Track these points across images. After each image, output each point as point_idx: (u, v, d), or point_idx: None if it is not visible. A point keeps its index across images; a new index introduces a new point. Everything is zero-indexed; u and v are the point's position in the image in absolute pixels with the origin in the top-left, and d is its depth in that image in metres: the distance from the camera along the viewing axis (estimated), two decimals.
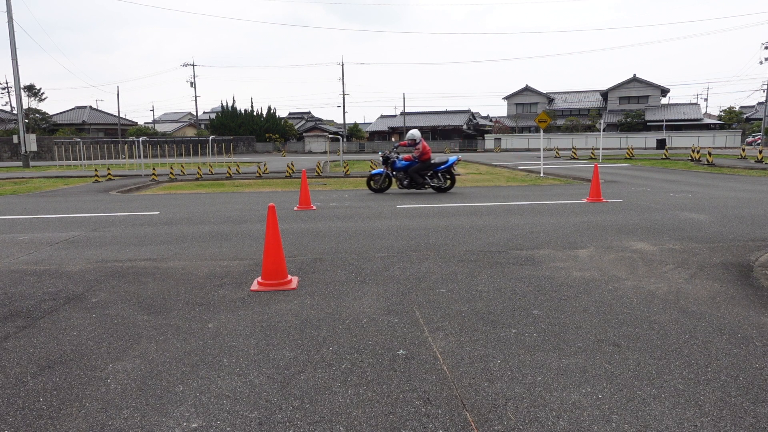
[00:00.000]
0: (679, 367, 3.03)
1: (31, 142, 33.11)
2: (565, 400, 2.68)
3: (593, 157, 29.87)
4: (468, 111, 68.70)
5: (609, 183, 14.51)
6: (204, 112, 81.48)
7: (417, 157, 12.69)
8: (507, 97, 71.02)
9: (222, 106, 65.61)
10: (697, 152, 24.07)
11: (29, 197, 13.89)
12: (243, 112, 64.85)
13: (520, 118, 67.22)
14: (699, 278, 4.83)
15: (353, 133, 69.26)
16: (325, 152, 54.42)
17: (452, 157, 13.15)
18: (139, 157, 35.91)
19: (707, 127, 58.30)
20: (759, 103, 69.48)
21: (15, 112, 52.91)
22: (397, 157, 13.11)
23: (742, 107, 75.07)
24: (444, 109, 68.94)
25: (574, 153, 31.29)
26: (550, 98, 70.08)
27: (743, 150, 25.56)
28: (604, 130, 41.36)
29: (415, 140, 12.62)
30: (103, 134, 63.40)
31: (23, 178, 21.74)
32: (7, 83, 59.58)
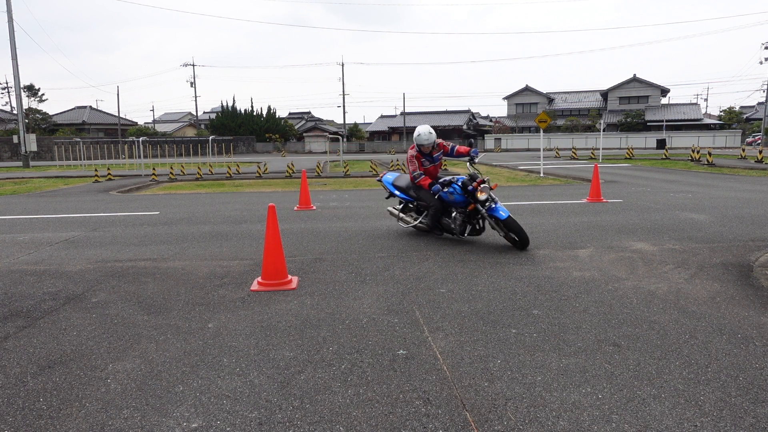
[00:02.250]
0: (679, 367, 3.03)
1: (31, 142, 33.10)
2: (565, 400, 2.68)
3: (593, 157, 29.87)
4: (468, 111, 68.68)
5: (609, 183, 14.51)
6: (204, 112, 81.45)
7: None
8: (507, 97, 71.00)
9: (222, 106, 65.58)
10: (697, 152, 24.07)
11: (29, 197, 13.89)
12: (243, 112, 64.82)
13: (520, 118, 67.20)
14: (699, 278, 4.83)
15: (353, 133, 69.26)
16: (325, 152, 54.44)
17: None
18: (139, 157, 35.92)
19: (707, 127, 58.29)
20: (759, 103, 69.47)
21: (15, 112, 52.94)
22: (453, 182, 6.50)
23: (742, 107, 75.03)
24: (444, 109, 68.93)
25: (574, 153, 31.29)
26: (550, 98, 70.05)
27: (743, 150, 25.54)
28: (604, 130, 41.38)
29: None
30: (103, 134, 63.39)
31: (23, 178, 21.73)
32: (7, 83, 59.61)
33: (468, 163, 6.60)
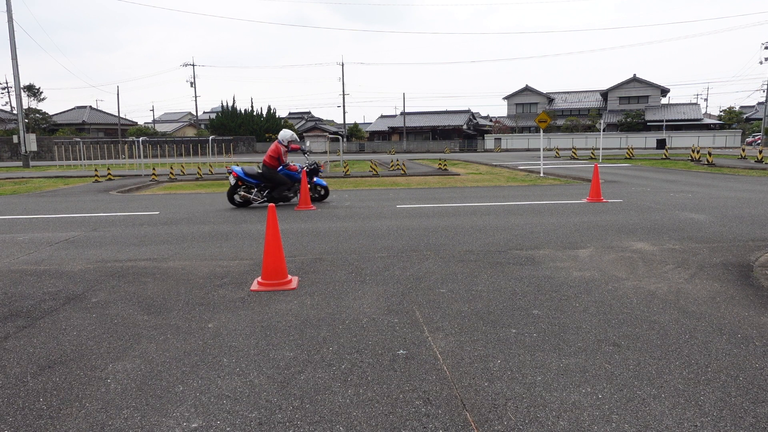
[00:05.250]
0: (679, 367, 3.03)
1: (31, 142, 33.11)
2: (565, 400, 2.68)
3: (593, 157, 29.86)
4: (468, 111, 68.69)
5: (609, 183, 14.51)
6: (204, 112, 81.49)
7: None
8: (507, 97, 71.00)
9: (222, 106, 65.61)
10: (697, 152, 24.07)
11: (29, 197, 13.89)
12: (243, 112, 64.84)
13: (520, 118, 67.21)
14: (699, 278, 4.83)
15: (353, 133, 69.27)
16: (325, 152, 54.41)
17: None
18: (139, 157, 35.90)
19: (707, 127, 58.29)
20: (759, 103, 69.49)
21: (15, 112, 52.90)
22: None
23: (742, 107, 75.08)
24: (444, 109, 68.94)
25: (574, 153, 31.29)
26: (550, 98, 70.06)
27: (743, 150, 25.54)
28: (604, 130, 41.35)
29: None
30: (103, 134, 63.40)
31: (23, 178, 21.73)
32: (7, 83, 59.62)
33: (305, 155, 11.58)
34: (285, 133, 10.84)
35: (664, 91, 64.05)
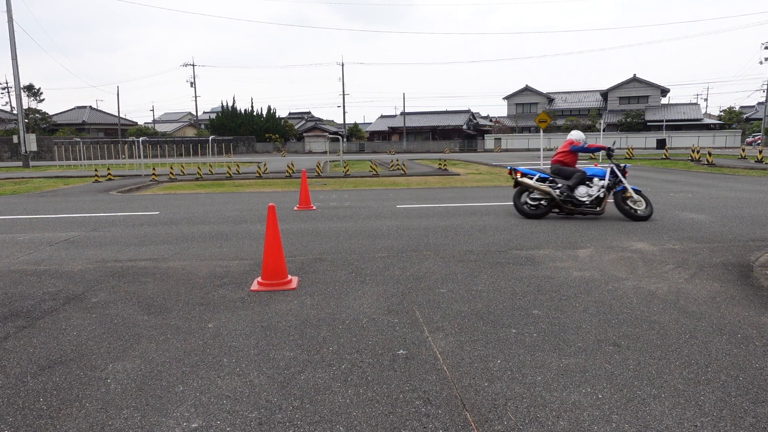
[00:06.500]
0: (679, 367, 3.03)
1: (31, 142, 33.10)
2: (565, 400, 2.68)
3: (593, 157, 29.83)
4: (468, 111, 68.69)
5: None
6: (204, 112, 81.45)
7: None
8: (507, 97, 70.99)
9: (222, 106, 65.61)
10: (697, 152, 24.06)
11: (29, 197, 13.89)
12: (243, 112, 64.84)
13: (520, 118, 67.19)
14: (699, 278, 4.83)
15: (353, 133, 69.27)
16: (325, 152, 54.44)
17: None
18: (139, 157, 35.91)
19: (707, 127, 58.28)
20: (759, 103, 69.48)
21: (15, 112, 52.92)
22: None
23: (742, 107, 75.06)
24: (444, 109, 68.94)
25: None
26: (550, 98, 70.05)
27: (743, 150, 25.52)
28: (604, 130, 41.33)
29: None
30: (103, 134, 63.38)
31: (23, 178, 21.73)
32: (7, 83, 59.60)
33: (609, 157, 8.79)
34: (579, 134, 9.02)
35: (664, 91, 64.04)
